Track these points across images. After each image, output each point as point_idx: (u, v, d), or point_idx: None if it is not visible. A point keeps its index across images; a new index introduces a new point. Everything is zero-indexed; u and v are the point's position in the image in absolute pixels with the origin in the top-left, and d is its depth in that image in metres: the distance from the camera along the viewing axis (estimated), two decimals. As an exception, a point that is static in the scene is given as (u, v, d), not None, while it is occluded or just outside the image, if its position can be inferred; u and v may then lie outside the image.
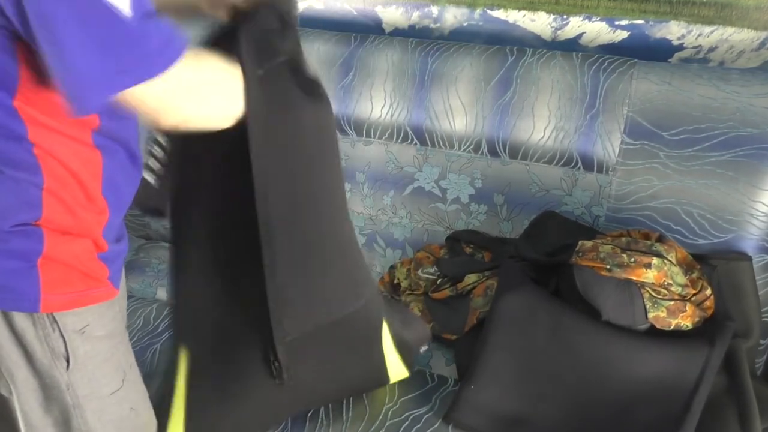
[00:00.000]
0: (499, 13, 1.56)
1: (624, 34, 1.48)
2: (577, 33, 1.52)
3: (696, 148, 1.30)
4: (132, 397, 0.90)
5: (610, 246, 1.24)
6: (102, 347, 0.84)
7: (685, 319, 1.18)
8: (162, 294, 1.53)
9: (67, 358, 0.80)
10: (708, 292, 1.22)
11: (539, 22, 1.54)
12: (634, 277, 1.18)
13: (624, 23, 1.47)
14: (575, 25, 1.51)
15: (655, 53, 1.45)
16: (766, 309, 1.27)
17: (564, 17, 1.51)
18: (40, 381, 0.81)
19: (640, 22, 1.46)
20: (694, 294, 1.21)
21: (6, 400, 0.85)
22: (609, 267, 1.19)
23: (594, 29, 1.50)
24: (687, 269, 1.25)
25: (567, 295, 1.23)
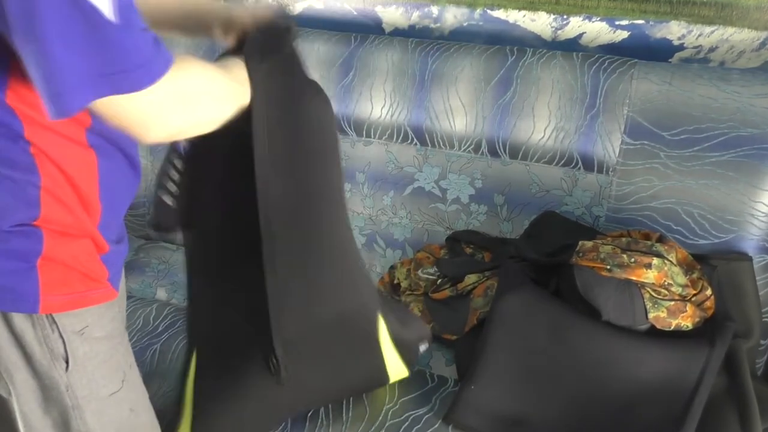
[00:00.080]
0: (500, 13, 1.56)
1: (624, 34, 1.48)
2: (578, 33, 1.52)
3: (696, 148, 1.30)
4: (132, 398, 0.90)
5: (610, 246, 1.23)
6: (101, 348, 0.83)
7: (686, 320, 1.18)
8: (162, 294, 1.53)
9: (66, 359, 0.80)
10: (708, 292, 1.22)
11: (539, 22, 1.54)
12: (634, 278, 1.18)
13: (624, 23, 1.47)
14: (575, 25, 1.51)
15: (656, 53, 1.45)
16: (766, 309, 1.27)
17: (564, 17, 1.51)
18: (39, 382, 0.81)
19: (640, 22, 1.46)
20: (694, 294, 1.21)
21: (5, 401, 0.85)
22: (609, 267, 1.19)
23: (594, 29, 1.50)
24: (687, 269, 1.25)
25: (567, 296, 1.23)
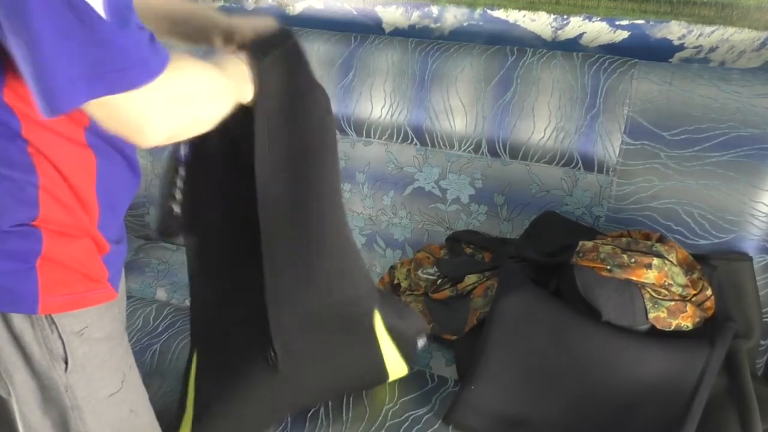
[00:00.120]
0: (500, 13, 1.56)
1: (624, 34, 1.48)
2: (578, 33, 1.52)
3: (696, 148, 1.30)
4: (131, 399, 0.90)
5: (610, 246, 1.23)
6: (101, 349, 0.83)
7: (686, 320, 1.18)
8: (162, 294, 1.53)
9: (66, 359, 0.80)
10: (708, 292, 1.21)
11: (539, 22, 1.54)
12: (634, 278, 1.18)
13: (624, 23, 1.47)
14: (576, 25, 1.51)
15: (656, 53, 1.45)
16: (766, 309, 1.27)
17: (564, 17, 1.51)
18: (38, 382, 0.80)
19: (640, 22, 1.46)
20: (694, 294, 1.21)
21: (5, 401, 0.85)
22: (609, 267, 1.19)
23: (594, 29, 1.50)
24: (687, 270, 1.25)
25: (567, 296, 1.23)
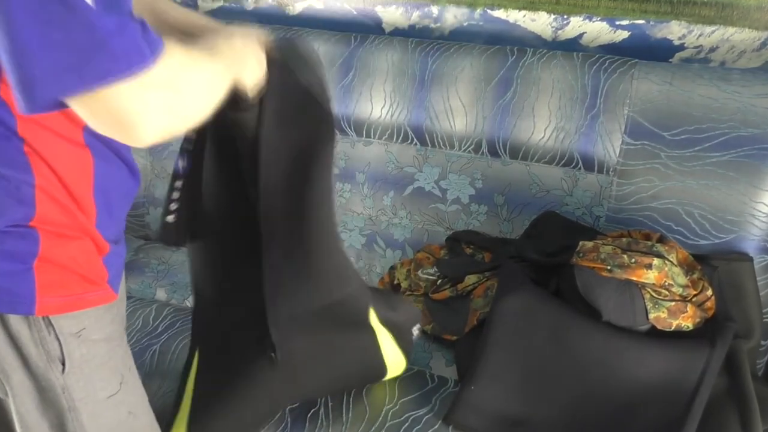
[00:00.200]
0: (500, 13, 1.56)
1: (625, 34, 1.48)
2: (578, 33, 1.52)
3: (697, 148, 1.30)
4: (130, 401, 0.89)
5: (610, 246, 1.23)
6: (99, 350, 0.83)
7: (686, 320, 1.18)
8: (161, 295, 1.53)
9: (63, 361, 0.79)
10: (709, 292, 1.21)
11: (540, 22, 1.53)
12: (634, 278, 1.17)
13: (625, 23, 1.47)
14: (576, 25, 1.51)
15: (656, 53, 1.45)
16: (767, 310, 1.27)
17: (564, 17, 1.51)
18: (35, 383, 0.80)
19: (640, 22, 1.46)
20: (695, 295, 1.21)
21: (2, 402, 0.84)
22: (610, 268, 1.19)
23: (595, 29, 1.50)
24: (688, 270, 1.24)
25: (567, 296, 1.23)
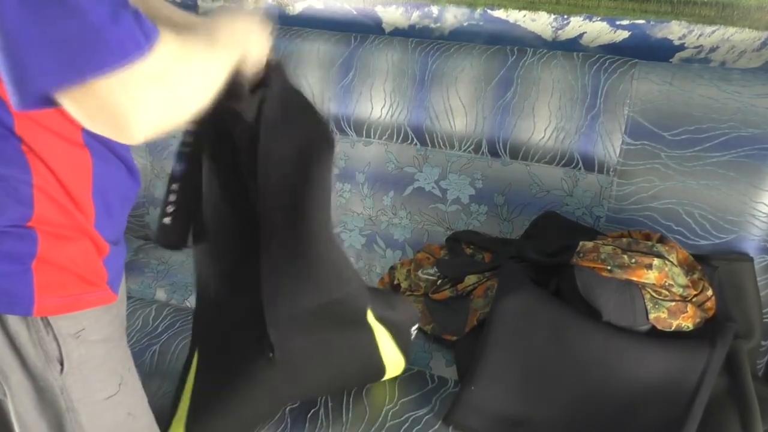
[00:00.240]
0: (500, 13, 1.56)
1: (625, 34, 1.48)
2: (578, 33, 1.52)
3: (697, 148, 1.30)
4: (129, 402, 0.89)
5: (611, 247, 1.23)
6: (97, 351, 0.82)
7: (686, 320, 1.18)
8: (161, 295, 1.53)
9: (61, 361, 0.79)
10: (709, 293, 1.21)
11: (540, 21, 1.53)
12: (635, 278, 1.17)
13: (625, 23, 1.47)
14: (576, 25, 1.51)
15: (656, 53, 1.45)
16: (767, 310, 1.27)
17: (565, 17, 1.51)
18: (34, 384, 0.80)
19: (641, 22, 1.45)
20: (695, 295, 1.21)
21: (1, 402, 0.84)
22: (610, 268, 1.19)
23: (595, 29, 1.50)
24: (688, 270, 1.24)
25: (568, 296, 1.23)
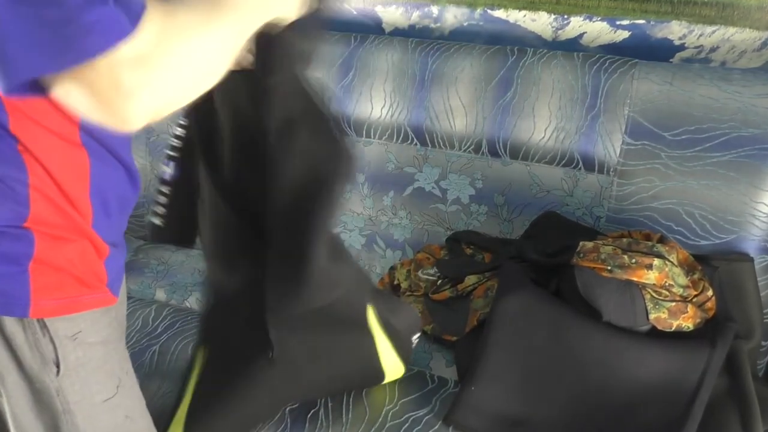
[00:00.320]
0: (500, 13, 1.56)
1: (625, 34, 1.48)
2: (578, 33, 1.51)
3: (697, 148, 1.29)
4: (127, 405, 0.88)
5: (611, 247, 1.23)
6: (95, 354, 0.82)
7: (687, 321, 1.18)
8: (161, 295, 1.53)
9: (57, 363, 0.78)
10: (709, 293, 1.21)
11: (540, 21, 1.53)
12: (635, 278, 1.17)
13: (625, 23, 1.47)
14: (576, 25, 1.51)
15: (657, 53, 1.45)
16: (767, 310, 1.27)
17: (565, 17, 1.51)
18: (30, 385, 0.79)
19: (641, 21, 1.45)
20: (695, 295, 1.21)
21: (-3, 402, 0.84)
22: (610, 268, 1.19)
23: (595, 29, 1.50)
24: (688, 270, 1.24)
25: (568, 296, 1.23)
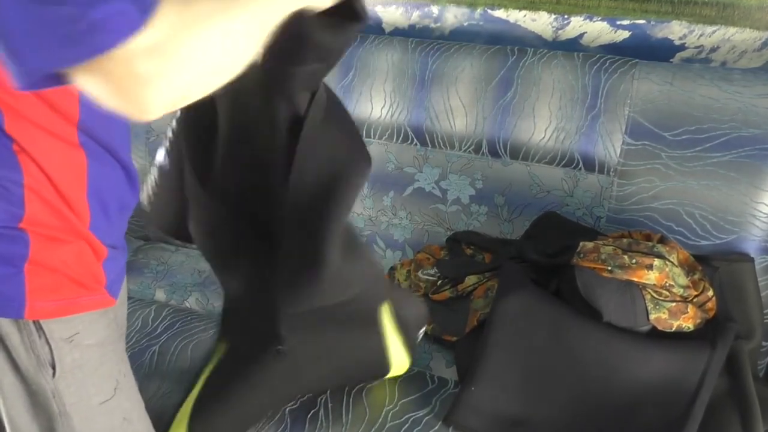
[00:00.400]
0: (500, 13, 1.56)
1: (625, 33, 1.48)
2: (579, 33, 1.51)
3: (698, 148, 1.29)
4: (125, 407, 0.87)
5: (611, 247, 1.23)
6: (92, 356, 0.81)
7: (687, 321, 1.18)
8: (161, 295, 1.53)
9: (53, 365, 0.78)
10: (710, 293, 1.21)
11: (540, 21, 1.53)
12: (635, 279, 1.17)
13: (625, 23, 1.47)
14: (576, 25, 1.51)
15: (657, 53, 1.44)
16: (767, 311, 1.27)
17: (565, 17, 1.51)
18: (26, 387, 0.79)
19: (641, 21, 1.45)
20: (695, 295, 1.20)
21: (-6, 404, 0.84)
22: (610, 268, 1.19)
23: (595, 29, 1.50)
24: (689, 270, 1.24)
25: (568, 297, 1.23)
